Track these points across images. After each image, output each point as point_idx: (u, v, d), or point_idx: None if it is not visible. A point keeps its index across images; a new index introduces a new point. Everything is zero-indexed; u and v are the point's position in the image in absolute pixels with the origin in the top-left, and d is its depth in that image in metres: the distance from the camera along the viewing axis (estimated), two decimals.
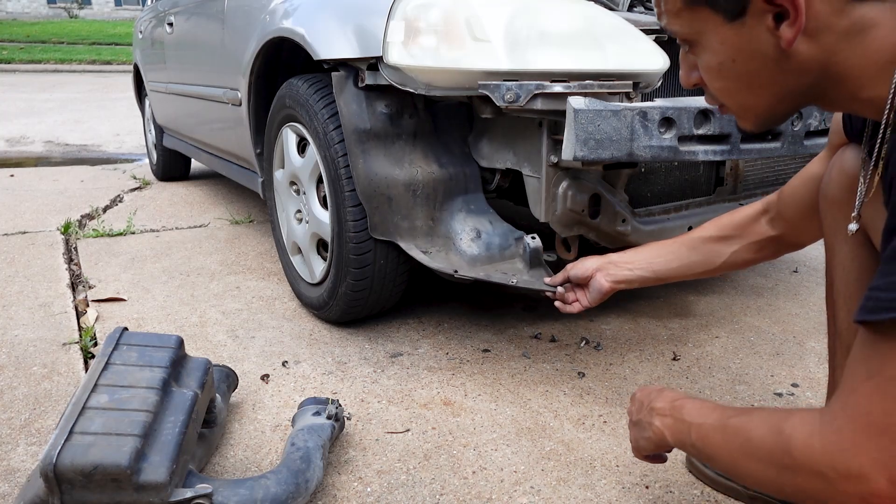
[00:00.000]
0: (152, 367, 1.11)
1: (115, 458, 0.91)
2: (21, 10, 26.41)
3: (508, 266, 1.46)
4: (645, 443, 0.85)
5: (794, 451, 0.55)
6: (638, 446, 0.88)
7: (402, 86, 1.36)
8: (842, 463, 0.50)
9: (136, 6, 28.11)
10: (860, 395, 0.51)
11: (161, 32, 3.05)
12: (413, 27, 1.31)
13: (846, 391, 0.52)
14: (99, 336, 1.68)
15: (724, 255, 1.07)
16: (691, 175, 1.62)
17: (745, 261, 1.07)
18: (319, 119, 1.55)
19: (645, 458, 0.90)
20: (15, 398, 1.38)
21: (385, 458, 1.20)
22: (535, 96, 1.21)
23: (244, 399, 1.39)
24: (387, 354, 1.61)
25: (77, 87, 10.22)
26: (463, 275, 1.42)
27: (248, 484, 1.00)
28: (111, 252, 2.38)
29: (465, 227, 1.50)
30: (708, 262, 1.09)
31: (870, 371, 0.51)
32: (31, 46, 16.76)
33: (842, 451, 0.50)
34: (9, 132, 5.83)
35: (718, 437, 0.65)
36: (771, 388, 1.48)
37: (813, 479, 0.53)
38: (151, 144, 3.91)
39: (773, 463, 0.57)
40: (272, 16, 1.75)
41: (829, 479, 0.51)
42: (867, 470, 0.49)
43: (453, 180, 1.51)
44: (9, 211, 2.96)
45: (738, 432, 0.62)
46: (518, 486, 1.13)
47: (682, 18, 0.65)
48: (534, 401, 1.41)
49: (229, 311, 1.85)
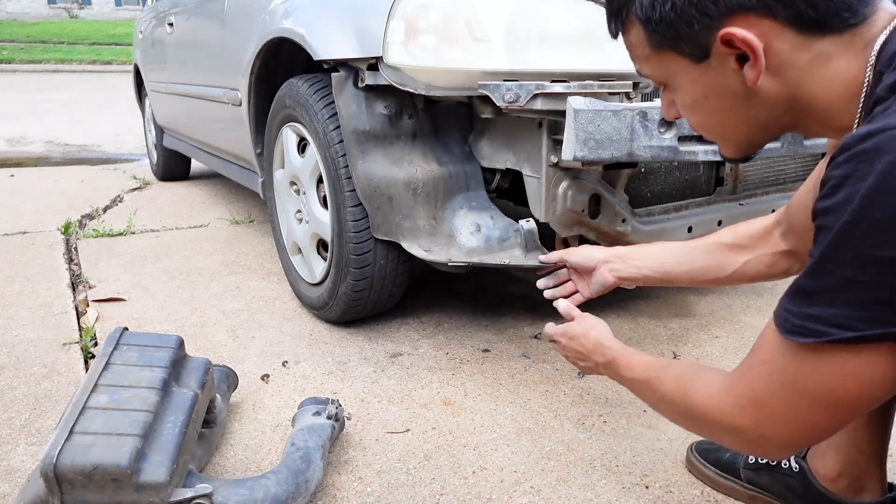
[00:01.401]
0: (152, 367, 1.11)
1: (115, 458, 0.91)
2: (21, 10, 26.41)
3: (506, 255, 1.45)
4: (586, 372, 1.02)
5: (694, 408, 0.70)
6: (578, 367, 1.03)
7: (402, 86, 1.36)
8: (730, 420, 0.66)
9: (136, 6, 28.11)
10: (754, 375, 0.63)
11: (161, 32, 3.05)
12: (413, 27, 1.31)
13: (746, 367, 0.65)
14: (99, 336, 1.68)
15: (737, 265, 1.02)
16: (691, 175, 1.62)
17: (757, 274, 1.01)
18: (319, 119, 1.55)
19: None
20: (15, 398, 1.38)
21: (385, 458, 1.20)
22: (535, 96, 1.21)
23: (244, 399, 1.39)
24: (387, 354, 1.61)
25: (77, 88, 10.22)
26: (455, 261, 1.40)
27: (248, 484, 1.00)
28: (111, 252, 2.38)
29: (466, 222, 1.49)
30: (720, 269, 1.03)
31: (764, 359, 0.62)
32: (31, 46, 16.77)
33: (731, 411, 0.65)
34: (9, 132, 5.83)
35: (643, 389, 0.82)
36: None
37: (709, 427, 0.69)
38: (151, 144, 3.91)
39: (680, 414, 0.74)
40: (272, 16, 1.75)
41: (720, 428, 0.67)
42: (746, 427, 0.64)
43: (454, 178, 1.51)
44: (9, 211, 2.96)
45: (654, 388, 0.78)
46: (518, 486, 1.13)
47: (652, 63, 0.68)
48: (534, 401, 1.41)
49: (229, 311, 1.85)
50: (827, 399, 0.57)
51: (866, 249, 0.50)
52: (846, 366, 0.54)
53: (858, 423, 0.96)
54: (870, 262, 0.50)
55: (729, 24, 0.60)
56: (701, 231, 1.58)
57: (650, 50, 0.67)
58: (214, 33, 2.26)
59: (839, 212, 0.51)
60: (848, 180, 0.50)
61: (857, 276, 0.51)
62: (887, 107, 0.52)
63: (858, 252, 0.50)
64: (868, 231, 0.49)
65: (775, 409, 0.61)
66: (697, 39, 0.62)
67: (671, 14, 0.62)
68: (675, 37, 0.63)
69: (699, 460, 1.16)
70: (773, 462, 1.09)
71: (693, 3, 0.60)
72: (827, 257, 0.53)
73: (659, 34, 0.65)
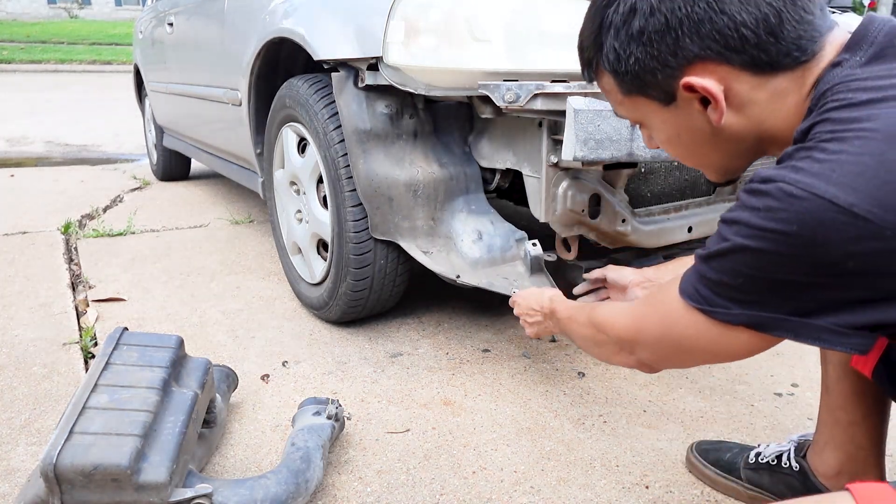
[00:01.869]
0: (152, 367, 1.11)
1: (115, 458, 0.91)
2: (21, 11, 26.40)
3: (510, 269, 1.46)
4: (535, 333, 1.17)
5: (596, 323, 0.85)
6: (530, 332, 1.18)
7: (402, 86, 1.36)
8: (617, 332, 0.80)
9: (136, 6, 28.10)
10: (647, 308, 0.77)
11: (161, 33, 3.05)
12: (413, 27, 1.31)
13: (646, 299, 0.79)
14: (99, 336, 1.68)
15: None
16: (691, 175, 1.62)
17: None
18: (319, 119, 1.55)
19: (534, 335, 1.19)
20: (15, 398, 1.38)
21: (385, 458, 1.20)
22: (535, 96, 1.21)
23: (244, 399, 1.39)
24: (387, 354, 1.61)
25: (77, 88, 10.22)
26: (465, 281, 1.42)
27: (248, 484, 1.00)
28: (111, 252, 2.38)
29: (467, 228, 1.50)
30: None
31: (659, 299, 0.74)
32: (31, 46, 16.76)
33: (621, 327, 0.80)
34: (9, 132, 5.83)
35: (570, 325, 0.97)
36: (771, 388, 1.48)
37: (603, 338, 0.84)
38: (151, 144, 3.91)
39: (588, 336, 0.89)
40: (272, 16, 1.75)
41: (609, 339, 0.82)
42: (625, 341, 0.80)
43: (454, 180, 1.51)
44: (9, 211, 2.96)
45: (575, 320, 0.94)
46: (518, 486, 1.13)
47: (626, 106, 0.75)
48: (534, 401, 1.41)
49: (229, 311, 1.85)
50: (683, 344, 0.71)
51: (739, 267, 0.62)
52: (705, 329, 0.68)
53: (855, 418, 0.97)
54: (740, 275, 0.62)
55: (689, 72, 0.66)
56: (701, 231, 1.58)
57: (622, 96, 0.74)
58: (214, 33, 2.26)
59: (731, 229, 0.62)
60: (744, 210, 0.60)
61: (730, 281, 0.63)
62: (791, 155, 0.60)
63: (735, 266, 0.62)
64: (742, 257, 0.61)
65: (649, 335, 0.76)
66: (662, 87, 0.68)
67: (635, 66, 0.68)
68: (642, 85, 0.70)
69: (699, 460, 1.16)
70: (772, 462, 1.09)
71: (654, 56, 0.66)
72: (714, 257, 0.64)
73: (627, 83, 0.71)
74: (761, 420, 1.35)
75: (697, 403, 1.41)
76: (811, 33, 0.63)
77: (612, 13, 0.67)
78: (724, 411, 1.38)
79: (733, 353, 0.68)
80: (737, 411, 1.39)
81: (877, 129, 0.55)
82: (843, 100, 0.59)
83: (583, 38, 0.74)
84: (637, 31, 0.66)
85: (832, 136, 0.57)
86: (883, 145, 0.54)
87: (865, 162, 0.54)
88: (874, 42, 0.62)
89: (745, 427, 1.33)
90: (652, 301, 0.77)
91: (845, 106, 0.58)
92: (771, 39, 0.62)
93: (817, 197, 0.55)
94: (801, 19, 0.62)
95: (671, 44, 0.65)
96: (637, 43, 0.67)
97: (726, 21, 0.62)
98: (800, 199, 0.56)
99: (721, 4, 0.62)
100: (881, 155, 0.54)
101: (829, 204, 0.54)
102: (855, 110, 0.57)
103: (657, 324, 0.74)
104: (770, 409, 1.40)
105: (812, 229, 0.55)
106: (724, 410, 1.39)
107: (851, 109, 0.58)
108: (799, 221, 0.56)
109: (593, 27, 0.71)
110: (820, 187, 0.55)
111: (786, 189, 0.57)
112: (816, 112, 0.61)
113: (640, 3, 0.65)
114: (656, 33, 0.65)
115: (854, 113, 0.57)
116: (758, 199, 0.59)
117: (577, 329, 0.94)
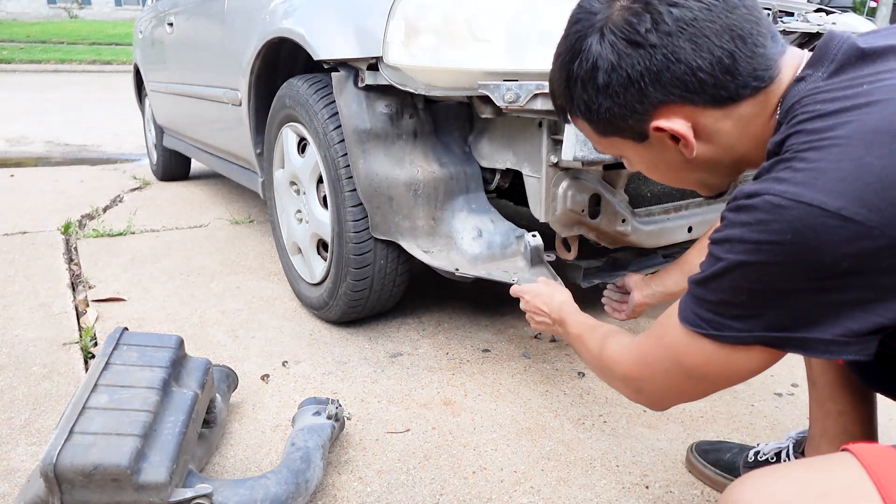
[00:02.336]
0: (152, 367, 1.11)
1: (115, 458, 0.91)
2: (21, 10, 26.40)
3: (510, 264, 1.46)
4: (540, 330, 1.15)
5: (604, 359, 0.86)
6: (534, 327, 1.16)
7: (402, 86, 1.36)
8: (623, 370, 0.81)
9: (136, 6, 28.10)
10: (650, 342, 0.77)
11: (161, 32, 3.05)
12: (413, 27, 1.31)
13: (649, 334, 0.78)
14: (99, 336, 1.68)
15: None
16: None
17: None
18: (319, 119, 1.55)
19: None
20: (15, 398, 1.38)
21: (385, 458, 1.20)
22: (535, 96, 1.21)
23: (244, 399, 1.39)
24: (387, 354, 1.61)
25: (77, 88, 10.22)
26: (464, 273, 1.42)
27: (248, 484, 1.00)
28: (111, 252, 2.38)
29: (467, 227, 1.50)
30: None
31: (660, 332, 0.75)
32: (31, 46, 16.76)
33: (626, 365, 0.81)
34: (9, 132, 5.83)
35: (577, 343, 0.97)
36: (771, 387, 1.48)
37: (611, 374, 0.85)
38: (151, 144, 3.91)
39: (595, 363, 0.90)
40: (272, 16, 1.75)
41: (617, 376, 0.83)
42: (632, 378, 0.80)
43: (454, 180, 1.51)
44: (9, 211, 2.96)
45: (584, 343, 0.94)
46: (518, 486, 1.13)
47: (603, 144, 0.79)
48: (534, 401, 1.41)
49: (229, 311, 1.85)
50: (694, 374, 0.72)
51: (738, 282, 0.63)
52: (715, 354, 0.68)
53: (844, 407, 1.00)
54: (742, 291, 0.63)
55: (657, 115, 0.69)
56: (701, 231, 1.58)
57: (598, 136, 0.78)
58: (214, 33, 2.26)
59: (724, 248, 0.63)
60: (734, 227, 0.62)
61: (731, 300, 0.64)
62: (770, 168, 0.62)
63: (735, 284, 0.63)
64: (741, 273, 0.62)
65: (655, 370, 0.76)
66: (634, 129, 0.72)
67: (606, 114, 0.72)
68: (614, 129, 0.74)
69: (699, 460, 1.16)
70: (772, 460, 1.09)
71: (621, 105, 0.70)
72: (712, 278, 0.65)
73: (601, 128, 0.75)
74: (761, 420, 1.35)
75: (697, 403, 1.41)
76: (766, 63, 0.66)
77: (577, 68, 0.71)
78: (724, 411, 1.38)
79: (745, 372, 0.69)
80: (737, 411, 1.39)
81: (850, 135, 0.57)
82: (813, 111, 0.61)
83: (553, 87, 0.78)
84: (602, 85, 0.70)
85: (808, 147, 0.59)
86: (860, 150, 0.56)
87: (846, 167, 0.56)
88: (835, 59, 0.64)
89: (745, 427, 1.33)
90: (655, 334, 0.77)
91: (816, 117, 0.61)
92: (728, 77, 0.66)
93: (805, 204, 0.57)
94: (753, 54, 0.66)
95: (636, 94, 0.69)
96: (604, 95, 0.71)
97: (683, 69, 0.66)
98: (788, 208, 0.58)
99: (676, 54, 0.65)
100: (859, 159, 0.56)
101: (818, 210, 0.56)
102: (826, 119, 0.60)
103: (663, 357, 0.74)
104: (770, 408, 1.40)
105: (806, 235, 0.57)
106: (724, 410, 1.39)
107: (823, 119, 0.60)
108: (792, 230, 0.57)
109: (561, 79, 0.75)
110: (807, 195, 0.57)
111: (773, 201, 0.59)
112: (787, 125, 0.63)
113: (600, 60, 0.69)
114: (620, 86, 0.69)
115: (826, 122, 0.60)
116: (747, 215, 0.61)
117: (584, 353, 0.95)
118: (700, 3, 0.65)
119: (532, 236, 1.44)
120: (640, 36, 0.66)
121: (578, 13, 0.72)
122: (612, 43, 0.68)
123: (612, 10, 0.68)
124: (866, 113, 0.58)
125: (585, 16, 0.71)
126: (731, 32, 0.65)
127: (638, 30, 0.66)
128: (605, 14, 0.69)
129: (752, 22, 0.66)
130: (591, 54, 0.69)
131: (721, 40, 0.65)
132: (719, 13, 0.65)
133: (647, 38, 0.66)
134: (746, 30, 0.65)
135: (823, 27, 1.75)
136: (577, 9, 0.73)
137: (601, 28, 0.69)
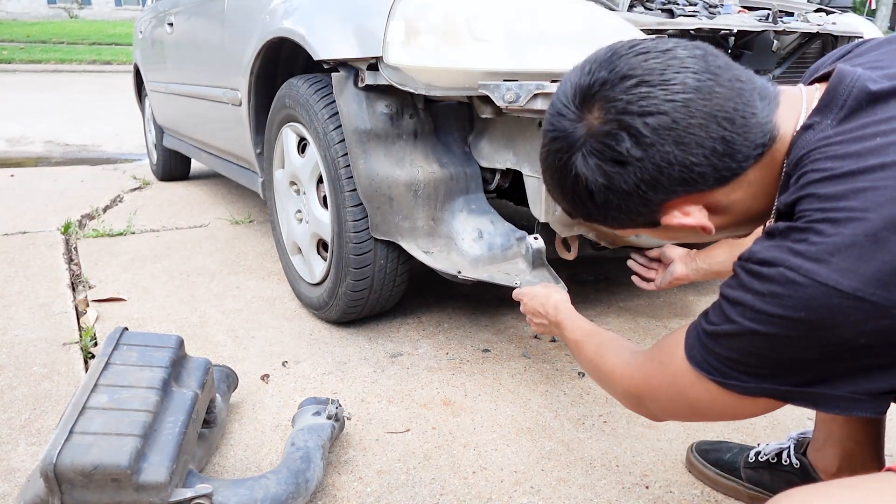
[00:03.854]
0: (152, 367, 1.11)
1: (115, 458, 0.91)
2: (21, 10, 26.40)
3: (511, 266, 1.46)
4: (539, 332, 1.16)
5: (603, 370, 0.87)
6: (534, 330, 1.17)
7: (402, 86, 1.36)
8: (626, 386, 0.82)
9: (136, 6, 28.10)
10: (655, 367, 0.77)
11: (161, 32, 3.05)
12: (413, 27, 1.31)
13: (655, 355, 0.78)
14: (99, 336, 1.68)
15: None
16: None
17: None
18: (319, 119, 1.55)
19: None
20: (15, 398, 1.38)
21: (385, 458, 1.20)
22: (535, 96, 1.21)
23: (244, 399, 1.39)
24: (387, 354, 1.61)
25: (77, 87, 10.21)
26: (466, 276, 1.42)
27: (248, 484, 1.00)
28: (111, 252, 2.38)
29: (467, 227, 1.50)
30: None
31: (667, 361, 0.74)
32: (31, 46, 16.75)
33: (630, 381, 0.81)
34: (9, 132, 5.83)
35: (575, 349, 0.97)
36: None
37: (611, 386, 0.86)
38: (151, 144, 3.91)
39: (594, 372, 0.90)
40: (272, 16, 1.75)
41: (619, 390, 0.84)
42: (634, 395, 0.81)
43: (454, 180, 1.51)
44: (9, 211, 2.96)
45: (582, 349, 0.94)
46: (518, 486, 1.13)
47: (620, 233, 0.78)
48: (534, 401, 1.41)
49: (229, 311, 1.85)
50: (698, 407, 0.72)
51: (750, 348, 0.62)
52: (720, 396, 0.68)
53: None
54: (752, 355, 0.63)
55: (666, 209, 0.69)
56: None
57: (614, 229, 0.77)
58: (214, 33, 2.26)
59: (736, 310, 0.62)
60: (747, 292, 0.61)
61: (741, 359, 0.64)
62: (785, 234, 0.60)
63: (745, 347, 0.63)
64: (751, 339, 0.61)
65: (659, 394, 0.76)
66: (646, 222, 0.72)
67: (615, 221, 0.73)
68: (627, 225, 0.74)
69: (699, 460, 1.16)
70: (773, 460, 1.09)
71: (628, 210, 0.70)
72: (721, 336, 0.65)
73: (614, 226, 0.75)
74: (761, 420, 1.35)
75: None
76: (762, 130, 0.64)
77: (572, 186, 0.70)
78: None
79: (750, 414, 0.69)
80: None
81: (867, 208, 0.55)
82: (825, 171, 0.59)
83: (557, 198, 0.76)
84: (602, 202, 0.70)
85: (823, 217, 0.57)
86: (877, 225, 0.55)
87: (862, 244, 0.55)
88: (845, 104, 0.62)
89: (745, 427, 1.33)
90: (658, 359, 0.77)
91: (828, 178, 0.59)
92: (727, 159, 0.64)
93: (820, 284, 0.56)
94: (746, 127, 0.63)
95: (638, 200, 0.68)
96: (608, 207, 0.70)
97: (678, 169, 0.64)
98: (804, 286, 0.56)
99: (666, 159, 0.64)
100: (876, 235, 0.54)
101: (833, 290, 0.55)
102: (840, 183, 0.58)
103: (667, 387, 0.74)
104: None
105: (820, 314, 0.56)
106: None
107: (836, 183, 0.58)
108: (806, 308, 0.57)
109: (559, 194, 0.74)
110: (822, 273, 0.56)
111: (788, 275, 0.57)
112: (797, 185, 0.61)
113: (590, 183, 0.68)
114: (619, 199, 0.68)
115: (840, 187, 0.57)
116: (760, 284, 0.60)
117: (581, 359, 0.95)
118: (674, 103, 0.62)
119: (534, 238, 1.44)
120: (623, 155, 0.64)
121: (551, 131, 0.70)
122: (597, 165, 0.66)
123: (586, 129, 0.66)
124: (882, 179, 0.56)
125: (560, 134, 0.69)
126: (717, 119, 0.62)
127: (618, 150, 0.64)
128: (579, 133, 0.67)
129: (734, 97, 0.63)
130: (581, 176, 0.68)
131: (708, 131, 0.62)
132: (698, 106, 0.62)
133: (630, 154, 0.64)
134: (731, 108, 0.63)
135: (823, 27, 1.75)
136: (548, 124, 0.71)
137: (581, 147, 0.67)
